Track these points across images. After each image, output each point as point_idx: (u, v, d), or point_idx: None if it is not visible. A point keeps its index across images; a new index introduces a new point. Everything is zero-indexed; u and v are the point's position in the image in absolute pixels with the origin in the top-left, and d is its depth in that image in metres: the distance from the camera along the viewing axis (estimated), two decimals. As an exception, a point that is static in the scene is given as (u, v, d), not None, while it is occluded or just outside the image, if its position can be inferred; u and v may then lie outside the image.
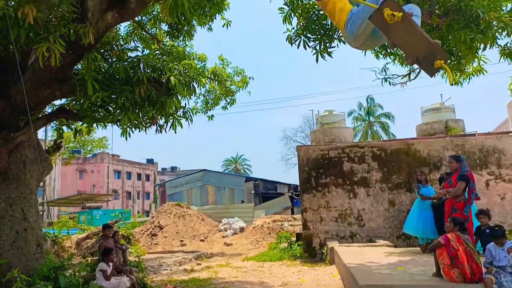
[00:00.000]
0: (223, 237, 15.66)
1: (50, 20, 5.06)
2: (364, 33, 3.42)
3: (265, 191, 31.36)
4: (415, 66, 8.76)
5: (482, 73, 7.72)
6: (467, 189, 5.95)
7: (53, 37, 4.62)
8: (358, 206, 9.78)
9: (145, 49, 10.98)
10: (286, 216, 22.08)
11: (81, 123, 6.85)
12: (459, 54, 6.74)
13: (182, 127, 6.64)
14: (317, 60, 6.86)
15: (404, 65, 8.33)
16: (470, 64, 7.75)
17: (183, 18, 5.83)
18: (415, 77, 8.78)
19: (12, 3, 4.57)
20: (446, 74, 5.99)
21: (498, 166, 9.24)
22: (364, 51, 8.33)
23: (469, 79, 8.07)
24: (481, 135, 10.95)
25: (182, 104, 6.72)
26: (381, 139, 39.24)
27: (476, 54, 6.41)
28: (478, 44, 6.09)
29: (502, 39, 6.89)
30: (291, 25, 7.14)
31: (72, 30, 4.95)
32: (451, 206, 6.05)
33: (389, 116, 42.97)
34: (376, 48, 8.25)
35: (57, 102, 7.35)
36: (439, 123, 12.54)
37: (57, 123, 7.37)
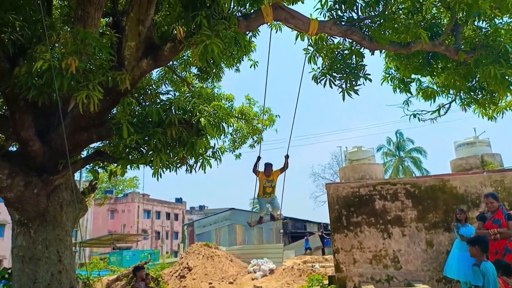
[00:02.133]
0: (253, 279, 15.23)
1: (89, 69, 5.40)
2: None
3: (294, 230, 30.63)
4: (445, 100, 8.63)
5: None
6: None
7: (92, 84, 4.92)
8: (393, 246, 9.33)
9: (175, 92, 11.50)
10: (317, 256, 21.37)
11: (115, 164, 7.09)
12: (491, 89, 6.61)
13: (211, 167, 6.73)
14: (343, 98, 6.90)
15: (427, 100, 8.25)
16: (503, 98, 7.58)
17: (212, 62, 6.08)
18: (445, 113, 8.64)
19: (57, 54, 4.93)
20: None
21: (543, 203, 8.67)
22: (381, 82, 8.36)
23: (503, 113, 7.87)
24: (522, 170, 10.41)
25: (211, 144, 6.88)
26: (414, 175, 38.05)
27: (509, 88, 6.27)
28: (510, 78, 5.98)
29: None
30: (316, 64, 7.29)
31: (109, 77, 5.25)
32: (504, 247, 5.63)
33: (421, 151, 41.83)
34: (395, 81, 8.26)
35: (93, 145, 7.70)
36: (475, 158, 12.06)
37: (93, 165, 7.66)
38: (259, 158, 8.35)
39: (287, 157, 8.33)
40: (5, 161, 5.57)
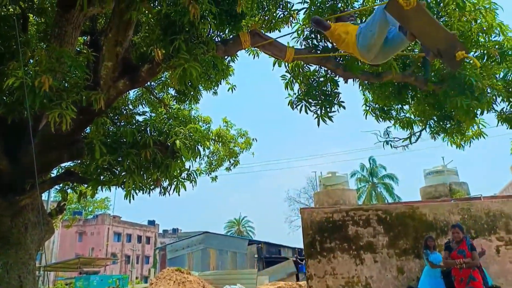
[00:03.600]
0: (225, 305, 14.87)
1: (63, 87, 5.32)
2: (376, 44, 3.48)
3: (269, 255, 30.27)
4: (415, 129, 8.93)
5: (483, 136, 7.87)
6: None
7: (65, 103, 4.83)
8: (365, 273, 9.39)
9: (152, 113, 11.43)
10: (291, 283, 21.11)
11: (86, 185, 6.90)
12: (458, 119, 6.93)
13: (186, 189, 6.66)
14: (318, 124, 7.06)
15: (405, 129, 8.50)
16: (470, 128, 7.93)
17: (190, 85, 6.13)
18: (416, 140, 8.91)
19: (30, 72, 4.85)
20: (471, 61, 5.79)
21: (507, 231, 8.99)
22: (365, 115, 8.58)
23: (470, 142, 8.20)
24: (487, 199, 10.81)
25: (186, 166, 6.84)
26: (386, 201, 38.73)
27: (475, 119, 6.60)
28: (475, 110, 6.30)
29: (498, 105, 7.15)
30: (293, 90, 7.47)
31: (84, 97, 5.18)
32: (468, 275, 5.82)
33: (392, 178, 42.81)
34: (376, 111, 8.51)
35: (63, 164, 7.48)
36: (443, 186, 12.45)
37: (62, 185, 7.42)
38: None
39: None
40: (-32, 180, 5.32)
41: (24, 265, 5.71)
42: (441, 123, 7.75)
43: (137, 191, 6.44)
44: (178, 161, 6.27)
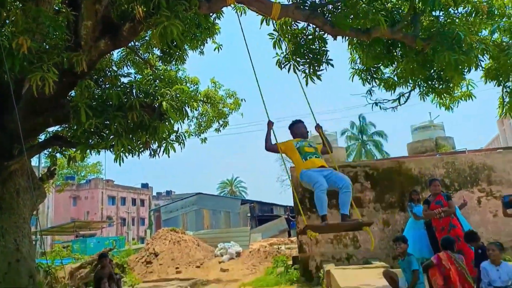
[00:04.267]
0: (219, 262, 15.42)
1: (44, 49, 5.16)
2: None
3: (261, 214, 31.11)
4: (405, 90, 8.91)
5: (471, 98, 7.92)
6: None
7: (46, 66, 4.71)
8: (353, 226, 9.74)
9: (138, 74, 11.20)
10: (283, 239, 21.85)
11: (74, 149, 6.88)
12: (447, 78, 6.94)
13: (175, 151, 6.70)
14: (306, 83, 7.03)
15: (389, 90, 8.49)
16: (459, 87, 7.96)
17: (174, 44, 5.98)
18: (405, 101, 8.95)
19: (7, 33, 4.68)
20: (369, 238, 6.63)
21: (489, 183, 9.32)
22: (351, 76, 8.52)
23: (458, 103, 8.24)
24: (471, 152, 11.10)
25: (175, 128, 6.82)
26: (375, 158, 39.48)
27: (463, 76, 6.62)
28: (463, 65, 6.29)
29: (484, 60, 7.15)
30: (281, 49, 7.33)
31: (65, 59, 5.05)
32: (448, 223, 6.11)
33: (382, 135, 43.29)
34: (362, 74, 8.46)
35: (51, 129, 7.41)
36: (430, 141, 12.70)
37: (51, 150, 7.39)
38: (271, 124, 5.13)
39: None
40: (-46, 146, 5.27)
41: (19, 229, 5.82)
42: (430, 83, 7.76)
43: (126, 154, 6.46)
44: (166, 123, 6.25)
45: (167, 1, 4.99)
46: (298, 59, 7.12)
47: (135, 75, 10.06)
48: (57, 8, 7.45)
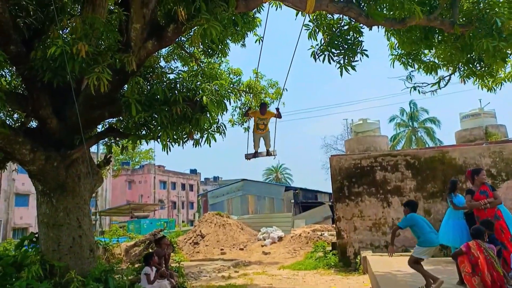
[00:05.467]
0: (262, 246, 16.02)
1: (99, 51, 5.79)
2: None
3: (305, 200, 31.27)
4: (445, 73, 8.67)
5: None
6: None
7: (101, 66, 5.32)
8: (392, 215, 9.78)
9: (184, 66, 11.86)
10: (327, 225, 22.03)
11: (127, 140, 7.60)
12: (486, 62, 6.75)
13: (216, 141, 7.18)
14: (341, 74, 7.15)
15: (429, 73, 8.30)
16: (502, 70, 7.65)
17: (212, 43, 6.37)
18: (445, 85, 8.73)
19: (68, 39, 5.33)
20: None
21: (540, 174, 8.90)
22: (392, 62, 8.45)
23: (501, 84, 7.94)
24: (524, 141, 10.55)
25: (216, 119, 7.28)
26: (427, 146, 37.91)
27: (505, 60, 6.41)
28: (504, 51, 6.11)
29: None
30: (316, 40, 7.48)
31: (117, 60, 5.64)
32: (494, 215, 5.92)
33: (434, 121, 41.22)
34: (403, 58, 8.37)
35: (107, 121, 8.20)
36: (479, 129, 12.17)
37: (107, 140, 8.20)
38: (249, 108, 10.00)
39: (278, 110, 9.37)
40: (27, 138, 6.11)
41: (80, 209, 6.63)
42: (470, 65, 7.53)
43: (172, 143, 7.05)
44: (208, 115, 6.72)
45: (206, 3, 5.38)
46: (333, 50, 7.24)
47: (182, 67, 10.73)
48: (111, 7, 8.14)
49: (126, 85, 6.94)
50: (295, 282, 8.66)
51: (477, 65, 7.56)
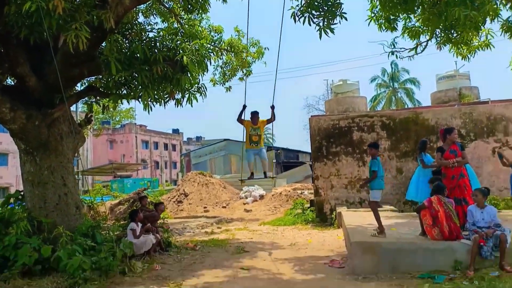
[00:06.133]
0: (244, 204, 16.57)
1: (75, 7, 5.65)
2: None
3: (287, 160, 32.00)
4: (422, 39, 8.78)
5: (489, 47, 7.78)
6: None
7: (79, 24, 5.24)
8: (367, 173, 10.21)
9: (164, 22, 11.61)
10: (307, 184, 22.78)
11: (108, 99, 7.60)
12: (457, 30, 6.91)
13: (197, 101, 7.28)
14: (320, 37, 7.16)
15: (413, 39, 8.40)
16: (476, 38, 7.81)
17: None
18: (422, 51, 8.87)
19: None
20: None
21: (505, 134, 9.41)
22: (368, 22, 8.47)
23: (475, 53, 8.12)
24: (494, 102, 11.01)
25: (197, 79, 7.32)
26: (406, 106, 38.70)
27: (477, 29, 6.58)
28: (475, 20, 6.24)
29: (506, 10, 6.99)
30: (298, 0, 7.44)
31: (94, 17, 5.55)
32: (459, 173, 6.23)
33: (414, 82, 41.71)
34: (381, 20, 8.39)
35: (86, 80, 8.12)
36: (453, 91, 12.56)
37: (87, 99, 8.16)
38: (244, 107, 8.20)
39: (273, 107, 8.24)
40: (6, 96, 6.06)
41: (64, 168, 6.75)
42: (447, 32, 7.67)
43: (154, 103, 7.11)
44: (188, 75, 6.76)
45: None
46: (313, 11, 7.23)
47: (162, 24, 10.51)
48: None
49: (104, 43, 6.84)
50: (274, 236, 9.17)
51: (454, 32, 7.70)
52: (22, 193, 6.83)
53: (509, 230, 4.89)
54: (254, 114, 8.22)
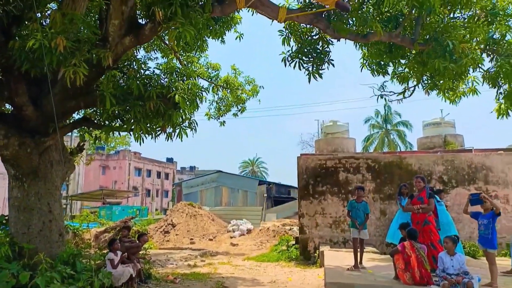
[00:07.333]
0: (231, 237, 16.52)
1: (76, 46, 6.01)
2: None
3: (278, 195, 32.00)
4: (410, 84, 9.22)
5: (476, 93, 8.23)
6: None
7: (78, 61, 5.58)
8: (351, 214, 10.42)
9: (164, 57, 12.12)
10: (296, 220, 22.77)
11: (100, 130, 7.85)
12: (436, 79, 7.36)
13: (187, 136, 7.54)
14: (309, 81, 7.64)
15: (402, 83, 8.82)
16: (461, 84, 8.26)
17: (187, 46, 6.70)
18: (410, 95, 9.32)
19: (47, 33, 5.55)
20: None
21: (485, 182, 9.71)
22: (361, 68, 8.93)
23: (460, 98, 8.56)
24: (478, 151, 11.38)
25: (188, 116, 7.63)
26: (398, 148, 39.29)
27: (451, 80, 7.03)
28: (454, 71, 6.70)
29: (483, 65, 7.49)
30: (289, 46, 7.93)
31: (94, 55, 5.91)
32: (424, 219, 6.49)
33: (406, 125, 42.63)
34: (373, 66, 8.87)
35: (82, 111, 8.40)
36: (438, 138, 12.99)
37: (80, 129, 8.41)
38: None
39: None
40: (1, 123, 6.31)
41: (52, 195, 6.89)
42: (433, 79, 8.10)
43: (145, 135, 7.37)
44: (180, 111, 7.07)
45: (182, 8, 5.72)
46: (303, 57, 7.71)
47: (162, 59, 11.00)
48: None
49: (101, 78, 7.19)
50: (256, 272, 9.19)
51: (437, 80, 8.16)
52: (6, 217, 6.92)
53: (478, 278, 5.05)
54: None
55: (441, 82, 8.13)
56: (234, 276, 8.65)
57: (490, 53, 7.60)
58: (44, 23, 6.68)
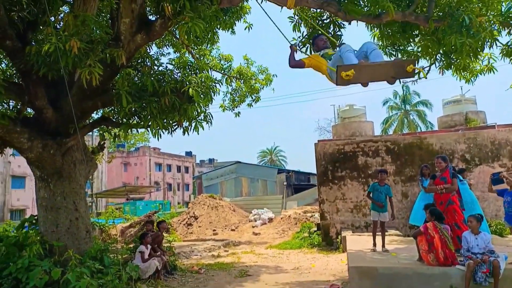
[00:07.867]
0: (252, 227, 16.68)
1: (90, 46, 6.12)
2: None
3: (298, 183, 32.04)
4: (425, 64, 9.05)
5: (493, 71, 7.96)
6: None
7: (93, 61, 5.69)
8: (372, 197, 10.34)
9: (176, 52, 12.18)
10: (317, 207, 22.77)
11: (119, 128, 8.01)
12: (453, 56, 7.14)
13: (204, 129, 7.63)
14: (321, 66, 7.53)
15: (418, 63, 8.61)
16: (477, 62, 8.02)
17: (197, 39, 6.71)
18: (425, 75, 9.10)
19: (61, 36, 5.67)
20: (419, 72, 6.49)
21: (510, 158, 9.45)
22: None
23: (477, 76, 8.31)
24: (501, 127, 11.06)
25: (204, 108, 7.70)
26: (419, 128, 38.56)
27: (469, 56, 6.81)
28: (470, 48, 6.49)
29: (503, 37, 7.21)
30: (300, 32, 7.84)
31: (107, 54, 6.01)
32: (447, 199, 6.40)
33: (426, 104, 41.61)
34: (386, 48, 8.69)
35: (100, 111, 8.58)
36: (459, 115, 12.66)
37: (99, 128, 8.61)
38: (293, 47, 5.84)
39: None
40: (24, 127, 6.52)
41: (77, 194, 7.11)
42: (448, 57, 7.88)
43: (162, 131, 7.48)
44: (195, 105, 7.13)
45: (190, 2, 5.73)
46: (314, 43, 7.59)
47: (174, 53, 11.07)
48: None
49: (116, 76, 7.31)
50: (279, 260, 9.28)
51: (454, 57, 7.93)
52: (36, 217, 7.19)
53: (504, 257, 4.96)
54: (318, 36, 6.17)
55: (457, 60, 7.91)
56: (257, 264, 8.76)
57: (507, 27, 7.31)
58: (58, 27, 6.84)
